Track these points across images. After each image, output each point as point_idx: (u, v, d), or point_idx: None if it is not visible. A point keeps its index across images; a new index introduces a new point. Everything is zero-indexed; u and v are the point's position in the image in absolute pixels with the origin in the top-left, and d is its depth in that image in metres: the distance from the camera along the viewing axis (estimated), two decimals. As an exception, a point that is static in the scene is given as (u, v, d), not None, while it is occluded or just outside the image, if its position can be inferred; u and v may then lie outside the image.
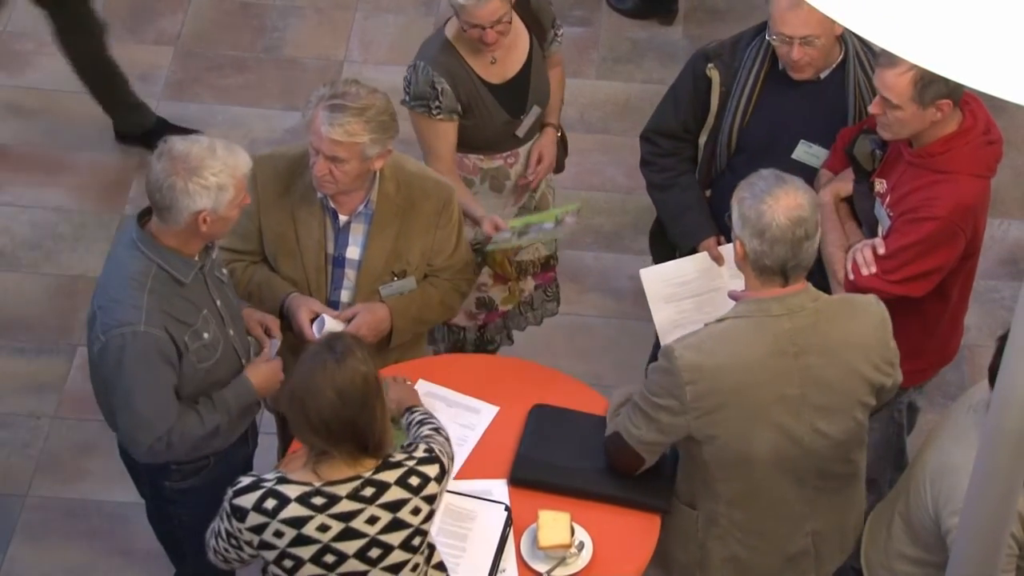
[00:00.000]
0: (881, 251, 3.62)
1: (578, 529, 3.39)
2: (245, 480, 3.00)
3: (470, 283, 3.92)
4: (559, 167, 4.35)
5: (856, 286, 3.63)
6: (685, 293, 3.88)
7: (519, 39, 4.05)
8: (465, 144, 4.06)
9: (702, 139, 3.92)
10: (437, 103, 3.96)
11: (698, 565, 3.53)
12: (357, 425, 2.92)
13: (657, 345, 3.82)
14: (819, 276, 3.58)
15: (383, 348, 3.76)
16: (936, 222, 3.57)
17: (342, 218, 3.68)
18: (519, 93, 4.07)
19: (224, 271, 3.55)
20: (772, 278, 3.24)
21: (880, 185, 3.73)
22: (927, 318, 3.74)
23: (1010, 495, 2.60)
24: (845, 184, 3.81)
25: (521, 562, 3.37)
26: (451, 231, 3.77)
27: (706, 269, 3.87)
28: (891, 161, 3.72)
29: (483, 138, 4.07)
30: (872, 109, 3.61)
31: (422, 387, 3.69)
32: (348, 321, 3.67)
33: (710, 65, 3.85)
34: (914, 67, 3.36)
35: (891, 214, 3.68)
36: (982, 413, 3.19)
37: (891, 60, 3.45)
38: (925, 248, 3.60)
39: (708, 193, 3.98)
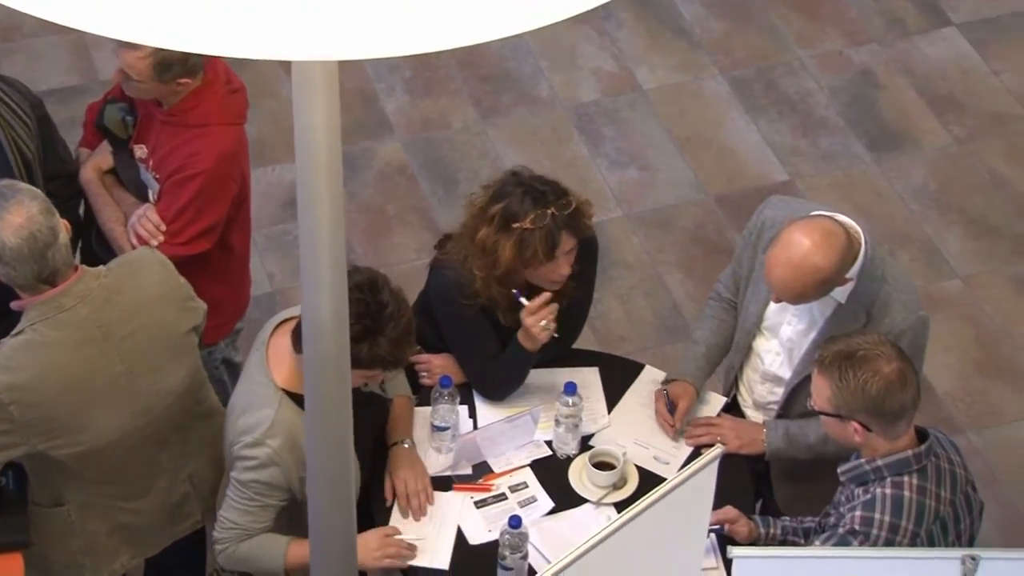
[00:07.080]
0: (154, 218, 3.67)
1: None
2: None
3: None
4: None
5: None
6: None
7: None
8: None
9: None
10: None
11: (84, 552, 3.47)
12: None
13: None
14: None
15: None
16: (203, 175, 3.64)
17: None
18: None
19: None
20: (36, 286, 3.15)
21: (140, 150, 3.77)
22: (216, 271, 3.79)
23: (344, 416, 2.70)
24: (105, 157, 3.83)
25: None
26: None
27: None
28: (146, 124, 3.76)
29: None
30: (115, 77, 3.66)
31: None
32: None
33: None
34: (156, 52, 3.43)
35: (157, 177, 3.73)
36: (261, 350, 3.33)
37: (133, 43, 3.44)
38: (201, 204, 3.66)
39: None
